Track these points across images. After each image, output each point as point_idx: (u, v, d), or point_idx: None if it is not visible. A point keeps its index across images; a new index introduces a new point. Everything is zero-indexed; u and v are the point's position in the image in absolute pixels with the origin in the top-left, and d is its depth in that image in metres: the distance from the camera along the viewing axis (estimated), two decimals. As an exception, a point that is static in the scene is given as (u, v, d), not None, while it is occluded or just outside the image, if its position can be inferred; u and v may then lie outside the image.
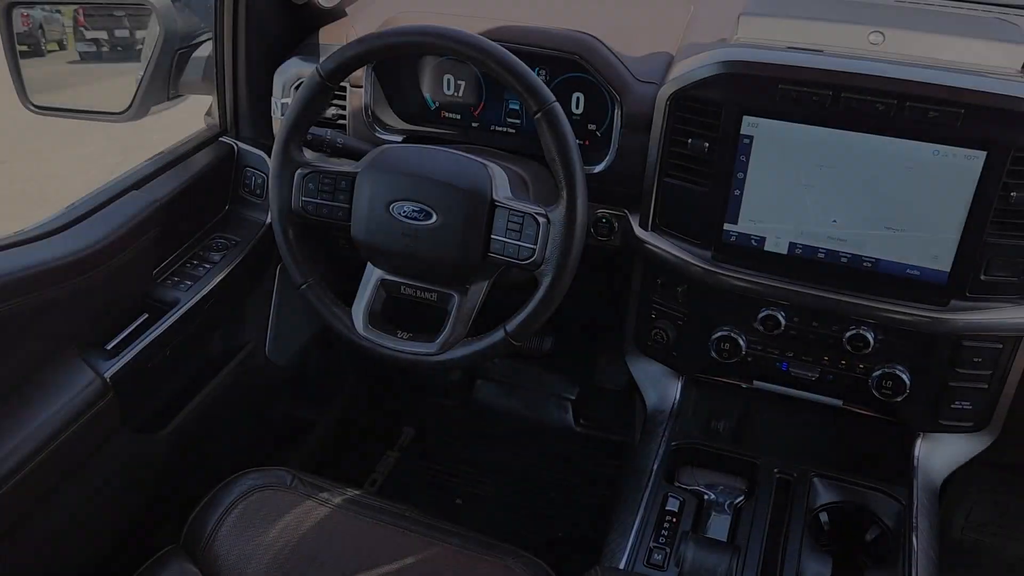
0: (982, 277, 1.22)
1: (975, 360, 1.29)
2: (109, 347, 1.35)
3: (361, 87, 1.49)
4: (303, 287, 1.33)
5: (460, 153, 1.29)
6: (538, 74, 1.43)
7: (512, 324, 1.23)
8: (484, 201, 1.21)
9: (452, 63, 1.53)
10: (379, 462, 2.19)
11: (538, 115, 1.16)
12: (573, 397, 2.28)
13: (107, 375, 1.30)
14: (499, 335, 1.24)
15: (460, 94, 1.54)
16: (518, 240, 1.20)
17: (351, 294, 1.33)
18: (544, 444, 2.23)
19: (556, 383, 2.30)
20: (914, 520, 1.26)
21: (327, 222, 1.30)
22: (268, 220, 1.58)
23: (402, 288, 1.31)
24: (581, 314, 1.77)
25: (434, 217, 1.22)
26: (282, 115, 1.56)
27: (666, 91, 1.30)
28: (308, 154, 1.36)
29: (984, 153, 1.15)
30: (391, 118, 1.54)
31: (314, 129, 1.37)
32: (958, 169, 1.17)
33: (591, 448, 2.22)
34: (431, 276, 1.28)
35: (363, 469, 2.16)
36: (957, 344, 1.28)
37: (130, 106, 1.55)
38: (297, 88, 1.54)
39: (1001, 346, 1.28)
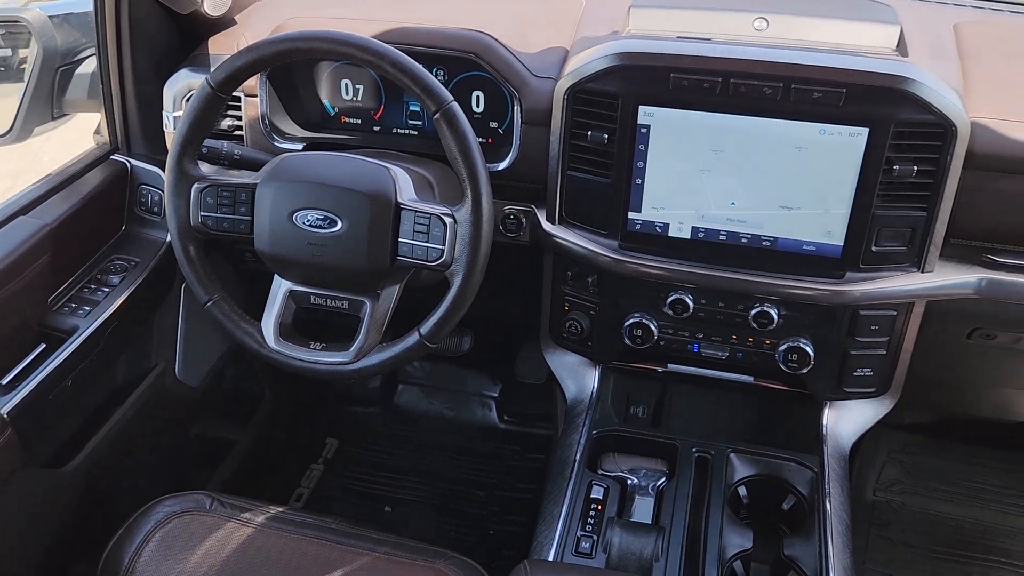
0: (873, 248, 1.27)
1: (872, 328, 1.35)
2: (5, 381, 1.29)
3: (256, 96, 1.46)
4: (209, 304, 1.29)
5: (362, 158, 1.27)
6: (435, 74, 1.43)
7: (426, 326, 1.22)
8: (389, 205, 1.20)
9: (349, 67, 1.51)
10: (304, 476, 2.15)
11: (437, 115, 1.15)
12: (496, 394, 2.29)
13: (3, 411, 1.24)
14: (414, 338, 1.23)
15: (359, 98, 1.53)
16: (426, 242, 1.19)
17: (261, 308, 1.30)
18: (470, 443, 2.23)
19: (478, 381, 2.31)
20: (826, 486, 1.31)
21: (229, 236, 1.27)
22: (168, 238, 1.53)
23: (312, 298, 1.29)
24: (498, 311, 1.78)
25: (339, 224, 1.21)
26: (175, 129, 1.51)
27: (563, 85, 1.31)
28: (205, 167, 1.32)
29: (867, 130, 1.20)
30: (289, 126, 1.51)
31: (209, 141, 1.34)
32: (844, 146, 1.22)
33: (517, 443, 2.23)
34: (340, 284, 1.26)
35: (287, 485, 2.12)
36: (855, 314, 1.34)
37: (11, 128, 1.48)
38: (188, 101, 1.50)
39: (895, 313, 1.34)
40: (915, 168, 1.21)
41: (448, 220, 1.18)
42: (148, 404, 1.59)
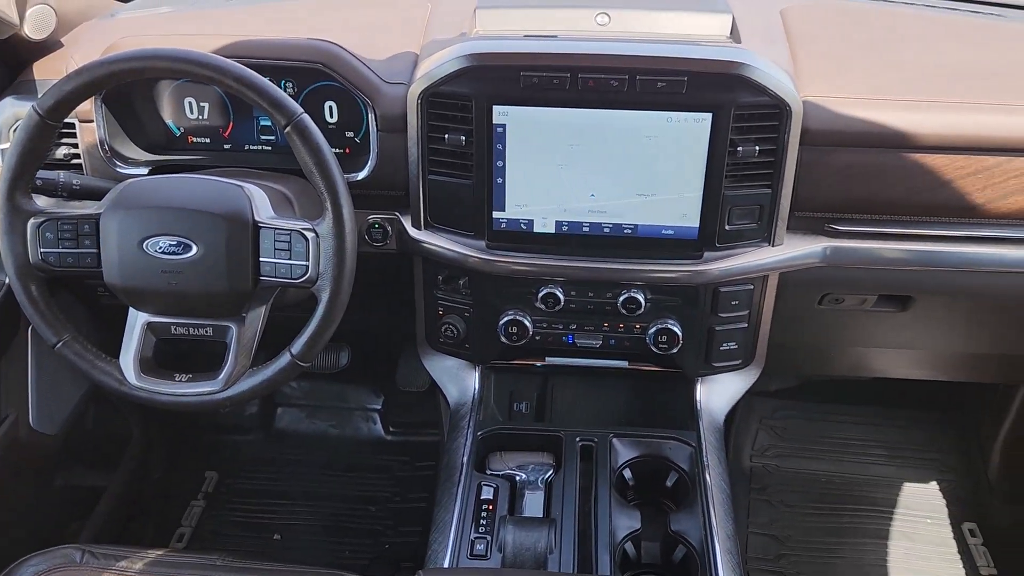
0: (726, 227, 1.33)
1: (732, 303, 1.41)
2: None
3: (92, 121, 1.39)
4: (59, 346, 1.22)
5: (213, 178, 1.23)
6: (284, 87, 1.40)
7: (297, 345, 1.19)
8: (246, 224, 1.16)
9: (191, 85, 1.45)
10: (184, 515, 2.05)
11: (288, 129, 1.12)
12: (379, 406, 2.27)
13: None
14: (285, 359, 1.20)
15: (205, 116, 1.47)
16: (288, 259, 1.16)
17: (120, 344, 1.24)
18: (358, 459, 2.19)
19: (360, 395, 2.27)
20: (705, 459, 1.37)
21: (75, 272, 1.20)
22: (6, 279, 1.43)
23: (172, 328, 1.23)
24: (372, 322, 1.76)
25: (194, 249, 1.16)
26: (3, 163, 1.41)
27: (415, 90, 1.31)
28: (41, 201, 1.24)
29: (710, 115, 1.25)
30: (132, 151, 1.44)
31: (43, 173, 1.26)
32: (690, 132, 1.27)
33: (406, 453, 2.21)
34: (202, 311, 1.21)
35: (167, 526, 2.02)
36: (715, 291, 1.39)
37: None
38: (15, 131, 1.40)
39: (752, 287, 1.41)
40: (757, 148, 1.27)
41: (310, 235, 1.15)
42: (2, 459, 1.48)
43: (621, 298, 1.39)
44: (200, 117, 1.47)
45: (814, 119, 1.29)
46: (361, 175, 1.39)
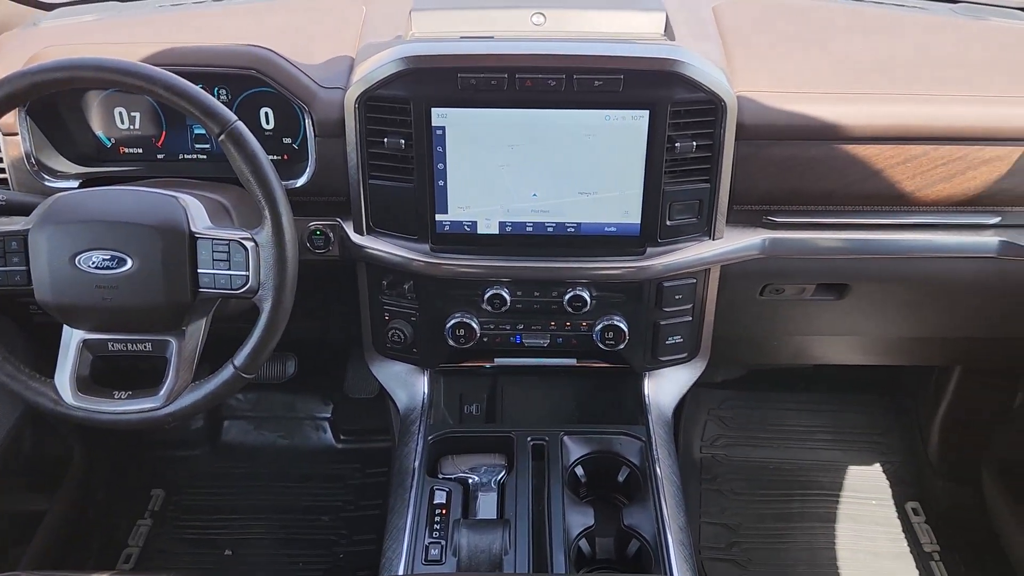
0: (668, 223, 1.35)
1: (676, 297, 1.43)
2: None
3: (16, 134, 1.34)
4: (-11, 367, 1.17)
5: (146, 189, 1.20)
6: (218, 94, 1.38)
7: (240, 357, 1.17)
8: (182, 235, 1.14)
9: (121, 95, 1.41)
10: (131, 535, 2.00)
11: (221, 137, 1.10)
12: (329, 414, 2.24)
13: None
14: (228, 372, 1.18)
15: (137, 126, 1.43)
16: (228, 270, 1.14)
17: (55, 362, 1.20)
18: (309, 469, 2.16)
19: (308, 404, 2.25)
20: (655, 453, 1.38)
21: (4, 290, 1.16)
22: (-68, 300, 1.38)
23: (110, 345, 1.20)
24: (318, 329, 1.73)
25: (129, 263, 1.13)
26: (-77, 179, 1.36)
27: (352, 94, 1.29)
28: (-35, 219, 1.20)
29: (647, 112, 1.27)
30: (61, 163, 1.40)
31: (-34, 189, 1.21)
32: (629, 130, 1.28)
33: (357, 461, 2.19)
34: (140, 326, 1.18)
35: (113, 547, 1.96)
36: (659, 287, 1.41)
37: None
38: (-65, 146, 1.35)
39: (695, 281, 1.43)
40: (694, 144, 1.29)
41: (249, 244, 1.13)
42: None
43: (567, 296, 1.40)
44: (131, 127, 1.43)
45: (749, 114, 1.32)
46: (300, 182, 1.37)
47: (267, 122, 1.42)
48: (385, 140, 1.30)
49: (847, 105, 1.34)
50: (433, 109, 1.27)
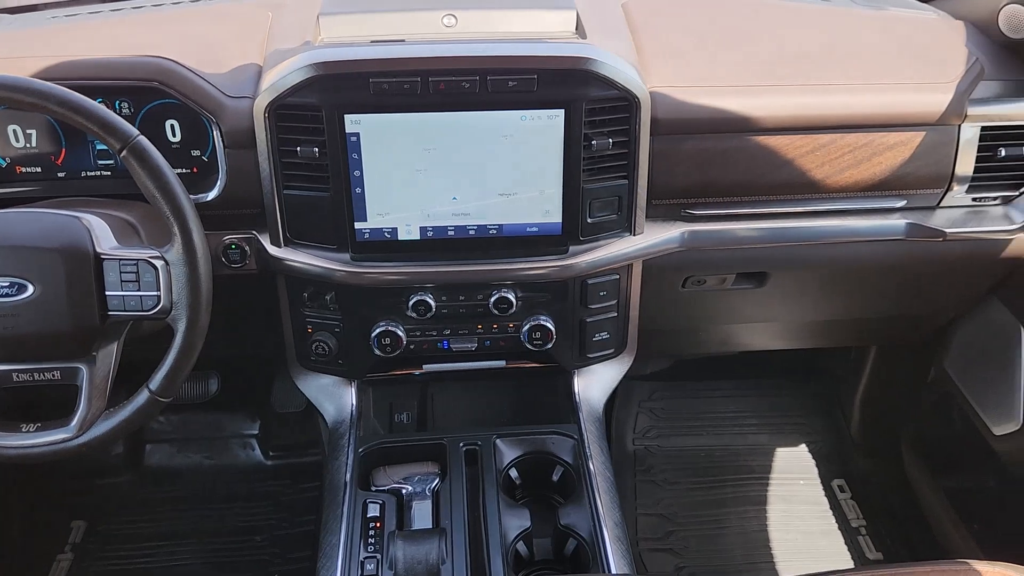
0: (588, 220, 1.35)
1: (600, 294, 1.43)
2: None
3: (-101, 157, 1.26)
4: None
5: (45, 210, 1.14)
6: (120, 108, 1.32)
7: (155, 380, 1.13)
8: (86, 257, 1.09)
9: (13, 112, 1.34)
10: (50, 570, 1.91)
11: (123, 153, 1.06)
12: (256, 431, 2.19)
13: None
14: (144, 396, 1.13)
15: (34, 144, 1.37)
16: (137, 291, 1.10)
17: None
18: (238, 488, 2.10)
19: (234, 422, 2.19)
20: (587, 449, 1.39)
21: None
22: None
23: (14, 375, 1.14)
24: (240, 345, 1.68)
25: (31, 289, 1.08)
26: None
27: (261, 103, 1.26)
28: None
29: (562, 111, 1.27)
30: (-49, 186, 1.32)
31: None
32: (545, 129, 1.28)
33: (288, 477, 2.14)
34: (45, 354, 1.13)
35: (31, 585, 1.88)
36: (583, 284, 1.41)
37: None
38: None
39: (618, 276, 1.44)
40: (611, 141, 1.30)
41: (158, 263, 1.09)
42: None
43: (492, 299, 1.39)
44: (28, 145, 1.37)
45: (662, 109, 1.33)
46: (211, 195, 1.33)
47: (173, 135, 1.37)
48: (298, 149, 1.27)
49: (757, 98, 1.36)
50: (346, 115, 1.25)
